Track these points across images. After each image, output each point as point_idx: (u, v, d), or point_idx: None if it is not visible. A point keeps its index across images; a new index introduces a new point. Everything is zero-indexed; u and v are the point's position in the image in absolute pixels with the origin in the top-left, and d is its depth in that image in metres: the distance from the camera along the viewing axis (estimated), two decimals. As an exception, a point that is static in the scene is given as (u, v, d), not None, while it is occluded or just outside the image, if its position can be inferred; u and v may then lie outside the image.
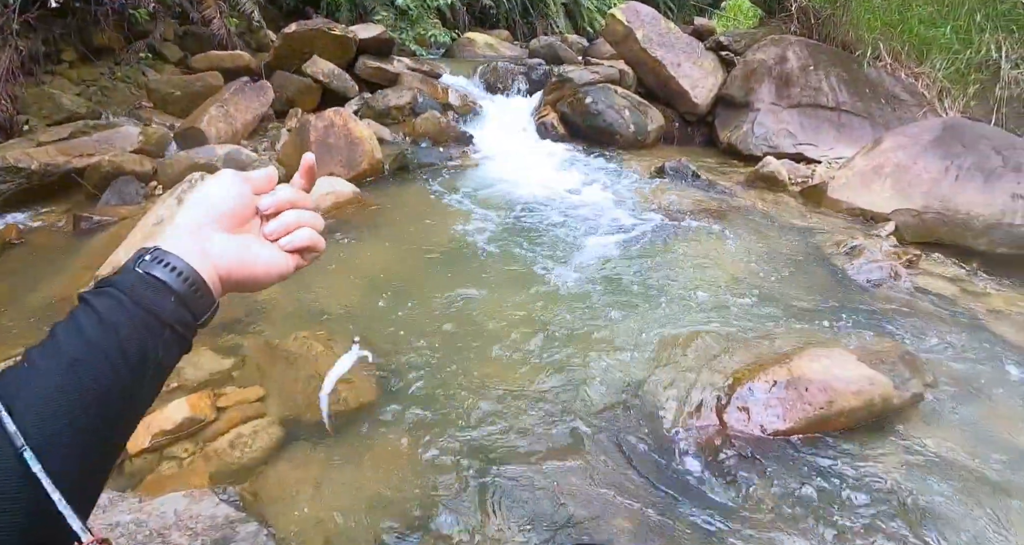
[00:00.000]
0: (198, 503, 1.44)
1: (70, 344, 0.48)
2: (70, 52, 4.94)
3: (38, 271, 2.91)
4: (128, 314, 0.51)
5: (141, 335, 0.51)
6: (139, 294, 0.52)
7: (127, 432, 0.53)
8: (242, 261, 0.60)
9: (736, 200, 4.10)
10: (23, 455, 0.42)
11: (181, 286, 0.54)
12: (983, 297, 3.04)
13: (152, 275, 0.53)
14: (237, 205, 0.62)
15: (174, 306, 0.54)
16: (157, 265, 0.54)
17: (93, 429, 0.48)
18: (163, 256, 0.54)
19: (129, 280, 0.52)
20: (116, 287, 0.52)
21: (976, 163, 3.66)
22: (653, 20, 5.65)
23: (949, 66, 5.16)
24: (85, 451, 0.47)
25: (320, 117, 3.92)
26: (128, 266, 0.54)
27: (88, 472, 0.49)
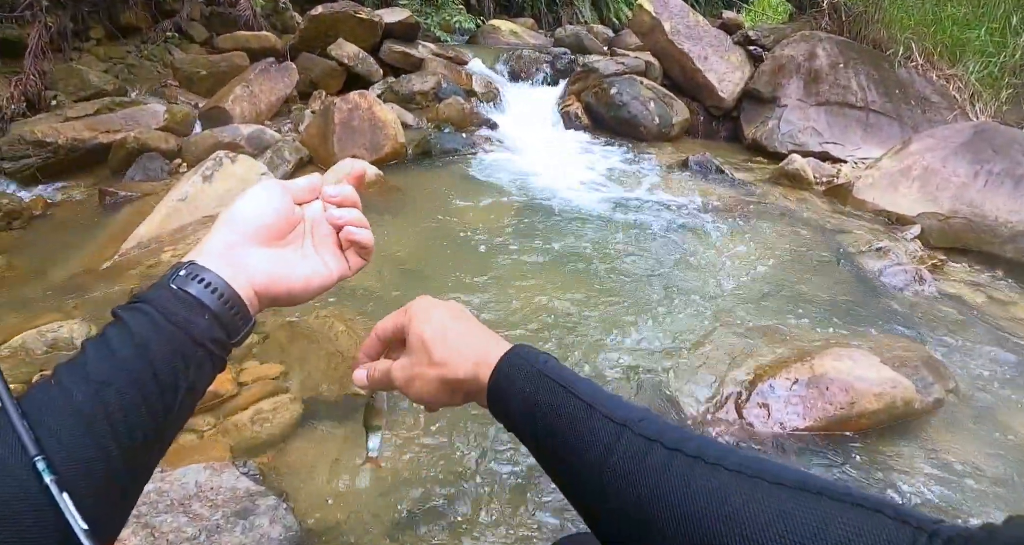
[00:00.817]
0: (219, 475, 1.45)
1: (99, 365, 0.47)
2: (98, 30, 4.97)
3: (63, 244, 2.95)
4: (160, 332, 0.49)
5: (173, 354, 0.50)
6: (172, 311, 0.50)
7: (157, 455, 0.52)
8: (280, 276, 0.58)
9: (760, 197, 4.06)
10: (36, 465, 0.41)
11: (216, 303, 0.53)
12: (1008, 305, 2.99)
13: (186, 291, 0.51)
14: (276, 219, 0.60)
15: (208, 324, 0.52)
16: (191, 281, 0.52)
17: (120, 454, 0.46)
18: (198, 272, 0.53)
19: (162, 296, 0.51)
20: (149, 303, 0.50)
21: (1007, 169, 3.60)
22: (681, 12, 5.59)
23: (982, 69, 5.07)
24: (111, 476, 0.46)
25: (345, 99, 3.93)
26: (162, 281, 0.52)
27: (114, 498, 0.47)
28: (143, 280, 2.52)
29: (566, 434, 0.49)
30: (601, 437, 0.48)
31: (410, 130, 4.45)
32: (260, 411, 1.80)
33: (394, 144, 3.96)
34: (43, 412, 0.44)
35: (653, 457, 0.45)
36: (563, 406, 0.50)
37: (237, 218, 0.58)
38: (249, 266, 0.57)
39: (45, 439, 0.43)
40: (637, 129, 5.13)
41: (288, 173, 3.67)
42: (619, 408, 0.49)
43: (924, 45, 5.34)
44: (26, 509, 0.40)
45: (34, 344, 2.02)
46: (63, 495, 0.41)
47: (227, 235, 0.57)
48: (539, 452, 0.54)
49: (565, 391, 0.51)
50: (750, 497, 0.41)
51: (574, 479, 0.50)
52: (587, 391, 0.51)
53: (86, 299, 2.37)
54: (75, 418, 0.45)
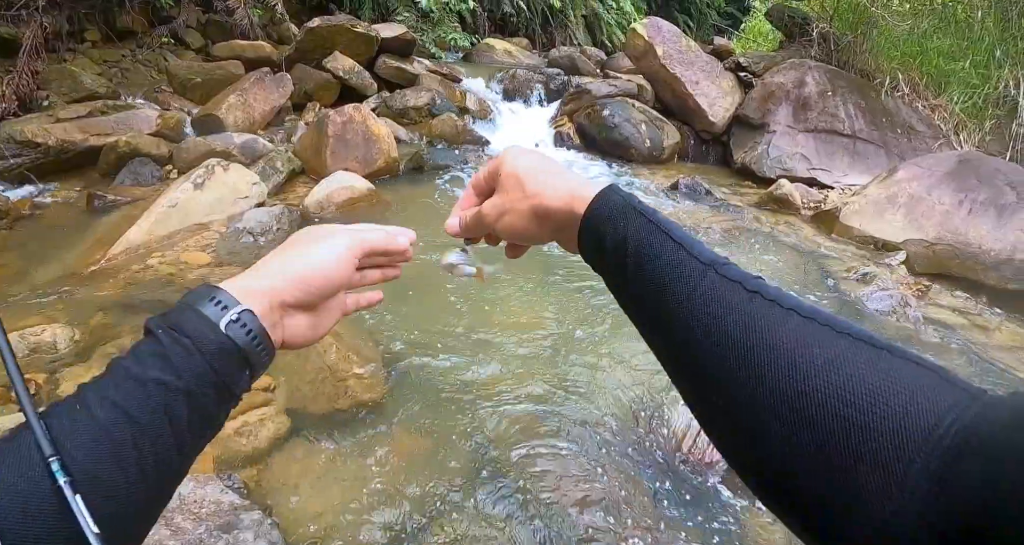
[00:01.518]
0: (203, 488, 1.42)
1: (135, 400, 0.45)
2: (93, 32, 4.96)
3: (49, 245, 2.91)
4: (205, 382, 0.48)
5: (211, 403, 0.49)
6: (220, 364, 0.49)
7: (167, 497, 0.50)
8: (301, 338, 0.58)
9: (748, 221, 4.10)
10: (50, 465, 0.40)
11: (257, 359, 0.52)
12: (991, 331, 3.03)
13: (236, 345, 0.50)
14: (337, 289, 0.60)
15: (247, 379, 0.52)
16: (242, 331, 0.51)
17: (137, 491, 0.45)
18: (249, 322, 0.51)
19: (212, 340, 0.49)
20: (196, 344, 0.48)
21: (990, 198, 3.67)
22: (674, 37, 5.68)
23: (967, 100, 5.19)
24: (127, 509, 0.45)
25: (339, 112, 3.93)
26: (210, 318, 0.50)
27: (127, 530, 0.46)
28: (129, 286, 2.49)
29: (655, 267, 0.51)
30: (689, 272, 0.49)
31: (403, 145, 4.46)
32: (246, 423, 1.77)
33: (387, 158, 3.96)
34: (65, 432, 0.43)
35: (734, 295, 0.47)
36: (655, 242, 0.52)
37: (297, 282, 0.56)
38: (287, 328, 0.56)
39: (67, 454, 0.41)
40: (628, 151, 5.18)
41: (280, 184, 3.66)
42: (705, 252, 0.51)
43: (910, 75, 5.47)
44: (37, 510, 0.40)
45: (15, 347, 1.98)
46: (76, 497, 0.40)
47: (284, 295, 0.55)
48: (625, 286, 0.55)
49: (658, 229, 0.53)
50: (819, 341, 0.43)
51: (657, 314, 0.51)
52: (678, 232, 0.53)
53: (70, 303, 2.33)
54: (98, 441, 0.43)
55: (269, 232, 2.96)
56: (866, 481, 0.36)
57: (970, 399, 0.37)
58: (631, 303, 0.55)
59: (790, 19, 6.36)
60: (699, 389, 0.49)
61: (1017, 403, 0.35)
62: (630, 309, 0.56)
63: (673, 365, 0.53)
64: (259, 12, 5.95)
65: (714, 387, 0.46)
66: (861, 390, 0.39)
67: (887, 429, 0.37)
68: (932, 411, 0.36)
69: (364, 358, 2.06)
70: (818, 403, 0.39)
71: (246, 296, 0.52)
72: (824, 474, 0.38)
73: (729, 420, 0.46)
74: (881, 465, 0.36)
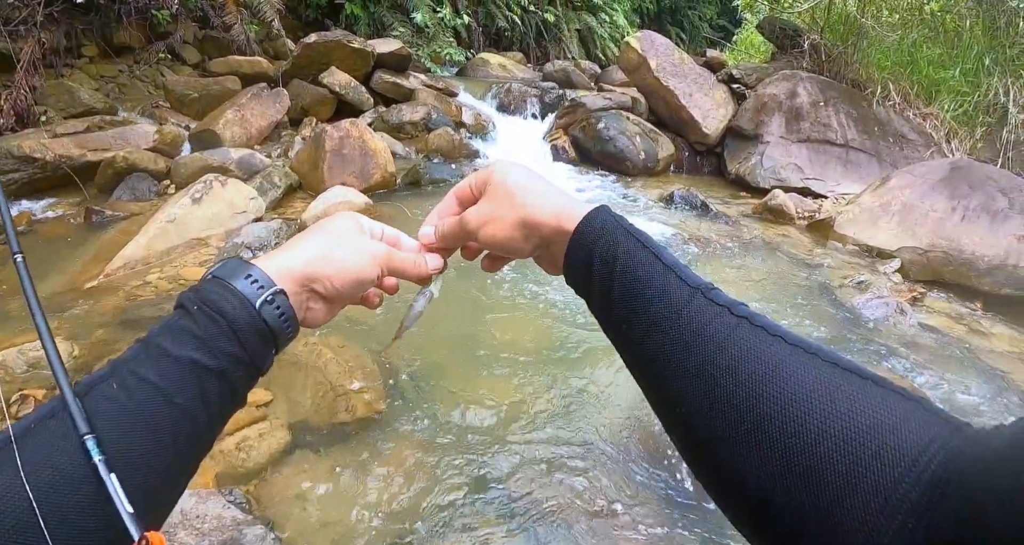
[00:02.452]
0: (205, 503, 1.42)
1: (173, 380, 0.46)
2: (91, 48, 5.00)
3: (46, 260, 2.90)
4: (238, 361, 0.49)
5: (240, 382, 0.50)
6: (252, 344, 0.50)
7: (195, 472, 0.52)
8: (316, 322, 0.60)
9: (743, 231, 4.12)
10: (85, 444, 0.41)
11: (283, 339, 0.53)
12: (987, 337, 3.05)
13: (268, 325, 0.51)
14: (361, 292, 0.61)
15: (272, 358, 0.53)
16: (276, 312, 0.51)
17: (172, 471, 0.47)
18: (283, 305, 0.52)
19: (246, 321, 0.50)
20: (231, 323, 0.49)
21: (982, 204, 3.71)
22: (667, 50, 5.74)
23: (957, 108, 5.25)
24: (163, 486, 0.46)
25: (336, 127, 3.95)
26: (246, 296, 0.50)
27: (157, 509, 0.47)
28: (128, 301, 2.49)
29: (642, 289, 0.50)
30: (675, 295, 0.49)
31: (399, 159, 4.48)
32: (246, 438, 1.77)
33: (384, 173, 3.98)
34: (102, 416, 0.43)
35: (721, 319, 0.47)
36: (643, 263, 0.52)
37: (333, 277, 0.57)
38: (310, 311, 0.58)
39: (104, 437, 0.42)
40: (623, 163, 5.21)
41: (277, 199, 3.67)
42: (693, 276, 0.51)
43: (901, 85, 5.53)
44: (78, 503, 0.40)
45: (14, 363, 1.98)
46: (111, 476, 0.40)
47: (315, 284, 0.56)
48: (610, 309, 0.54)
49: (648, 252, 0.53)
50: (806, 369, 0.43)
51: (641, 336, 0.51)
52: (666, 256, 0.53)
53: (69, 319, 2.33)
54: (136, 426, 0.44)
55: (267, 247, 2.97)
56: (849, 509, 0.37)
57: (951, 432, 0.37)
58: (614, 326, 0.55)
59: (781, 31, 6.44)
60: (678, 413, 0.49)
61: (997, 440, 0.35)
62: (613, 332, 0.55)
63: (654, 390, 0.53)
64: (255, 28, 6.00)
65: (694, 411, 0.46)
66: (846, 420, 0.39)
67: (871, 459, 0.37)
68: (915, 443, 0.37)
69: (363, 372, 2.06)
70: (803, 431, 0.40)
71: (281, 277, 0.53)
72: (807, 502, 0.39)
73: (706, 445, 0.45)
74: (864, 494, 0.36)
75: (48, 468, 0.40)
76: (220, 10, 5.76)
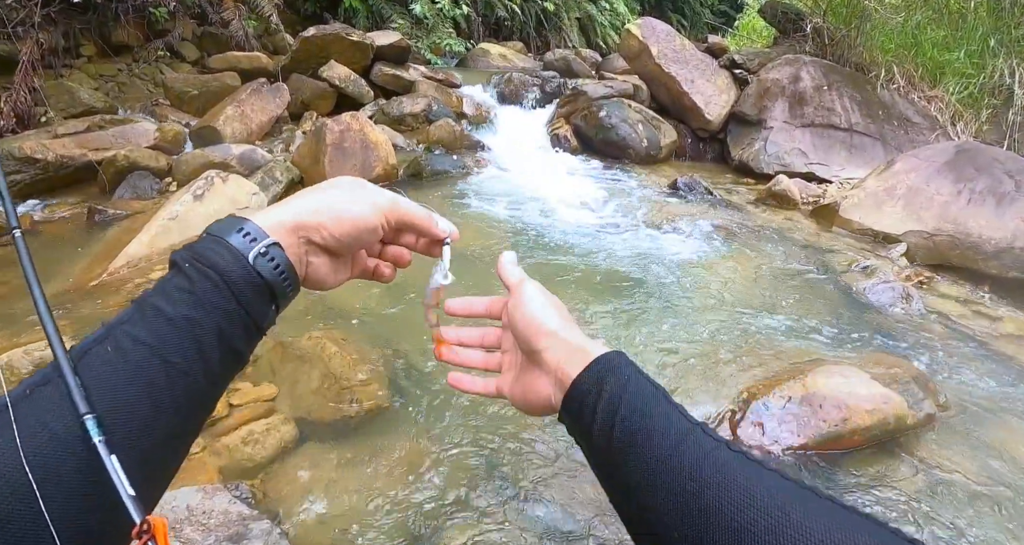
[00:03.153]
0: (211, 499, 1.43)
1: (168, 339, 0.45)
2: (89, 47, 4.99)
3: (50, 261, 2.91)
4: (233, 317, 0.48)
5: (239, 338, 0.49)
6: (247, 298, 0.49)
7: (198, 433, 0.51)
8: (322, 282, 0.58)
9: (747, 217, 4.10)
10: (85, 424, 0.40)
11: (283, 294, 0.52)
12: (995, 320, 3.03)
13: (263, 277, 0.50)
14: (364, 242, 0.60)
15: (272, 314, 0.52)
16: (270, 265, 0.50)
17: (174, 433, 0.46)
18: (277, 256, 0.51)
19: (239, 275, 0.48)
20: (224, 277, 0.48)
21: (988, 187, 3.67)
22: (668, 36, 5.69)
23: (962, 90, 5.19)
24: (163, 451, 0.46)
25: (337, 121, 3.94)
26: (238, 250, 0.49)
27: (159, 475, 0.47)
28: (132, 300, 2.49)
29: (644, 422, 0.51)
30: (677, 427, 0.50)
31: (401, 152, 4.47)
32: (252, 432, 1.77)
33: (385, 165, 3.97)
34: (100, 380, 0.43)
35: (720, 453, 0.47)
36: (650, 400, 0.53)
37: (332, 226, 0.55)
38: (310, 265, 0.56)
39: (100, 401, 0.41)
40: (625, 151, 5.18)
41: (279, 193, 3.66)
42: (689, 415, 0.53)
43: (905, 67, 5.47)
44: (76, 471, 0.39)
45: (20, 363, 1.98)
46: (111, 457, 0.39)
47: (313, 234, 0.54)
48: (610, 442, 0.53)
49: (654, 388, 0.54)
50: (803, 503, 0.43)
51: (640, 467, 0.50)
52: (670, 396, 0.55)
53: (74, 318, 2.34)
54: (134, 388, 0.43)
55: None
56: None
57: None
58: (607, 459, 0.53)
59: (783, 15, 6.37)
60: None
61: None
62: (604, 462, 0.54)
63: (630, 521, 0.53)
64: (254, 23, 5.97)
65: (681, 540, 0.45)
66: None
67: None
68: None
69: (368, 365, 2.06)
70: None
71: (275, 229, 0.51)
72: None
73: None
74: None
75: (45, 432, 0.40)
76: (218, 6, 5.74)
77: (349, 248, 0.58)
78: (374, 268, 0.67)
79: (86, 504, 0.39)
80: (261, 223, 0.51)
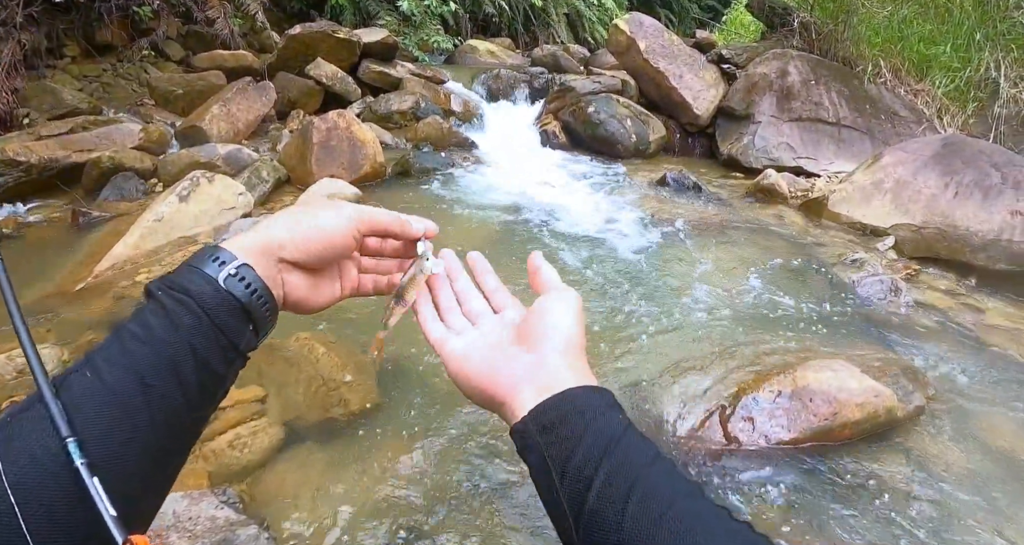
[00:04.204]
0: (197, 504, 1.41)
1: (144, 361, 0.45)
2: (73, 47, 4.93)
3: (35, 265, 2.88)
4: (210, 339, 0.48)
5: (218, 361, 0.49)
6: (222, 319, 0.49)
7: (183, 457, 0.51)
8: (304, 302, 0.58)
9: (736, 211, 4.11)
10: (68, 447, 0.40)
11: (259, 314, 0.52)
12: (982, 312, 3.04)
13: (236, 298, 0.50)
14: (337, 253, 0.59)
15: (250, 336, 0.52)
16: (240, 285, 0.50)
17: (154, 456, 0.46)
18: (248, 276, 0.51)
19: (211, 296, 0.49)
20: (197, 301, 0.48)
21: (975, 180, 3.69)
22: (656, 32, 5.69)
23: (949, 84, 5.21)
24: (146, 472, 0.45)
25: (323, 119, 3.91)
26: (209, 274, 0.50)
27: (145, 496, 0.47)
28: (118, 302, 2.47)
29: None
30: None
31: (389, 149, 4.44)
32: (239, 436, 1.75)
33: (373, 164, 3.95)
34: (79, 404, 0.43)
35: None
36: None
37: (299, 240, 0.55)
38: (287, 285, 0.56)
39: (80, 423, 0.42)
40: (614, 147, 5.18)
41: (266, 193, 3.63)
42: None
43: (892, 61, 5.49)
44: (57, 493, 0.40)
45: (2, 369, 1.96)
46: (93, 479, 0.40)
47: (282, 251, 0.55)
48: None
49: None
50: None
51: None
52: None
53: (59, 322, 2.31)
54: (113, 410, 0.43)
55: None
56: None
57: None
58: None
59: (771, 10, 6.37)
60: None
61: None
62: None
63: None
64: (239, 22, 5.92)
65: None
66: None
67: None
68: None
69: (356, 366, 2.05)
70: None
71: (244, 252, 0.52)
72: None
73: None
74: None
75: (25, 455, 0.40)
76: (203, 4, 5.68)
77: (323, 262, 0.59)
78: (373, 283, 0.67)
79: (70, 522, 0.40)
80: (231, 248, 0.52)
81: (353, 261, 0.66)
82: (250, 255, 0.52)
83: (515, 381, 0.55)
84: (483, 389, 0.57)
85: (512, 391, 0.54)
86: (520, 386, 0.55)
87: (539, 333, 0.58)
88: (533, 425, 0.51)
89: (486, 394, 0.57)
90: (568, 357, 0.56)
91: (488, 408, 0.59)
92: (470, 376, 0.59)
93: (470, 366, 0.60)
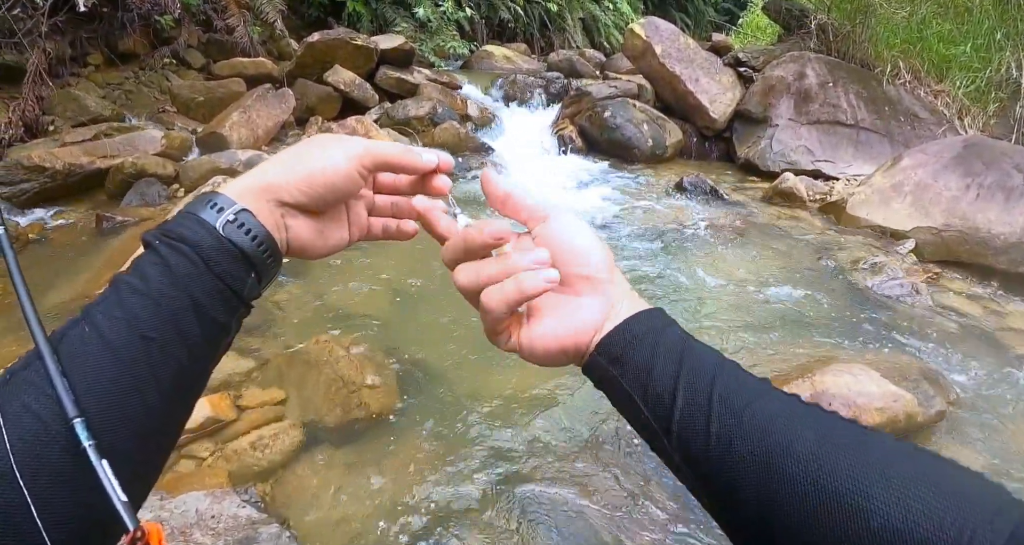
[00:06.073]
0: (220, 503, 1.43)
1: (143, 314, 0.44)
2: (96, 56, 5.02)
3: (59, 269, 2.93)
4: (209, 287, 0.47)
5: (219, 312, 0.47)
6: (223, 267, 0.47)
7: (187, 413, 0.49)
8: (310, 246, 0.56)
9: (754, 216, 4.09)
10: (74, 427, 0.39)
11: (260, 260, 0.50)
12: (1004, 316, 3.00)
13: (236, 244, 0.48)
14: (341, 195, 0.55)
15: (252, 283, 0.50)
16: (240, 231, 0.48)
17: (157, 410, 0.44)
18: (248, 222, 0.49)
19: (209, 243, 0.47)
20: (195, 249, 0.46)
21: (997, 181, 3.64)
22: (672, 35, 5.68)
23: (969, 84, 5.15)
24: (147, 432, 0.44)
25: (342, 125, 3.96)
26: (207, 221, 0.47)
27: (148, 454, 0.46)
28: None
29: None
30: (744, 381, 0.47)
31: (406, 154, 4.47)
32: (260, 437, 1.78)
33: (390, 168, 3.97)
34: (80, 356, 0.42)
35: (794, 405, 0.45)
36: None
37: (298, 181, 0.52)
38: (290, 229, 0.53)
39: (82, 393, 0.40)
40: (631, 151, 5.17)
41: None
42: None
43: (911, 62, 5.44)
44: (62, 476, 0.39)
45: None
46: (102, 462, 0.39)
47: (283, 193, 0.52)
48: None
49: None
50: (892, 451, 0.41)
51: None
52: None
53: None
54: (113, 364, 0.42)
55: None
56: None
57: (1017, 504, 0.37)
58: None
59: (787, 12, 6.35)
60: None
61: None
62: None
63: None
64: (258, 29, 6.00)
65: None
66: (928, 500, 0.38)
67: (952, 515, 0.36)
68: (991, 503, 0.37)
69: (376, 368, 2.07)
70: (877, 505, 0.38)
71: (243, 195, 0.50)
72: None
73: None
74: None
75: (27, 414, 0.39)
76: (223, 13, 5.77)
77: (327, 203, 0.55)
78: (383, 226, 0.62)
79: (71, 487, 0.39)
80: (229, 192, 0.50)
81: (363, 201, 0.61)
82: (248, 199, 0.50)
83: (587, 328, 0.52)
84: (564, 350, 0.53)
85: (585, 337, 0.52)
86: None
87: (576, 276, 0.53)
88: (604, 359, 0.51)
89: (566, 355, 0.54)
90: (614, 283, 0.54)
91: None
92: (549, 351, 0.54)
93: (545, 343, 0.54)
